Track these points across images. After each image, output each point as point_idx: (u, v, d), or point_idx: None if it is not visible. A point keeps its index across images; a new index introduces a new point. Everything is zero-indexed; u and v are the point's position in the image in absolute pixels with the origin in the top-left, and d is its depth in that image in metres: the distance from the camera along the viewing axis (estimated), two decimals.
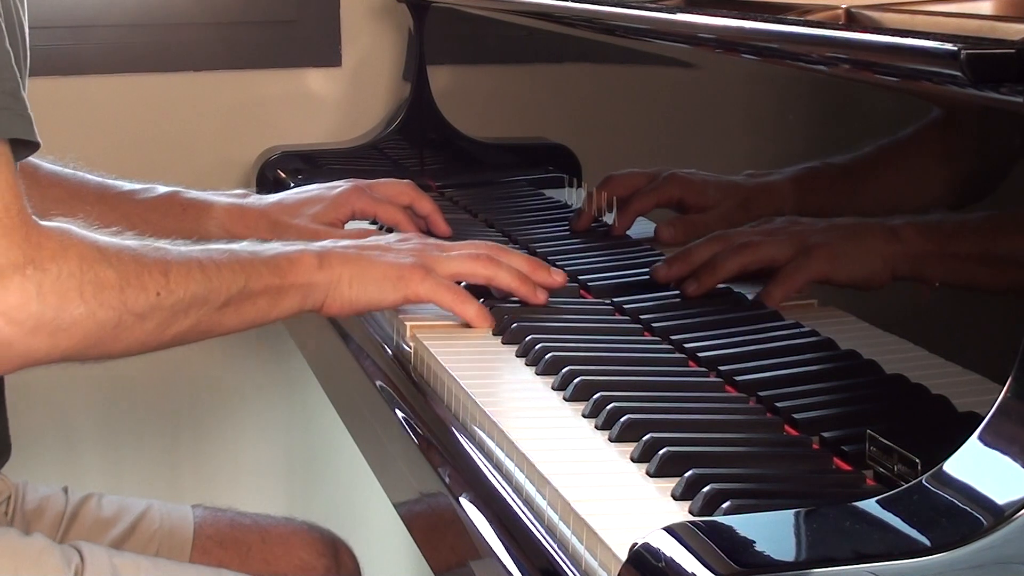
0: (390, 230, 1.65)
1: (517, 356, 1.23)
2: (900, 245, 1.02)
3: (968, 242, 0.95)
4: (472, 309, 1.30)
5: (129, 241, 1.17)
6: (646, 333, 1.26)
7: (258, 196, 1.59)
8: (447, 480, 1.08)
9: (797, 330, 1.13)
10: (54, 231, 1.12)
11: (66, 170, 1.52)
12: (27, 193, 1.54)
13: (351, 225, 1.56)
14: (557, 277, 1.35)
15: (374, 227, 1.65)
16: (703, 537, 0.78)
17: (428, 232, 1.53)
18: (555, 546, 0.92)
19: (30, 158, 1.53)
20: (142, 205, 1.52)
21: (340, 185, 1.56)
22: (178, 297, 1.17)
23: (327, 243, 1.31)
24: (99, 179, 1.53)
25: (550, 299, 1.34)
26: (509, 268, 1.33)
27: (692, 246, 1.29)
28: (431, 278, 1.29)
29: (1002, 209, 0.91)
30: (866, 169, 1.06)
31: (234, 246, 1.25)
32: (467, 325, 1.30)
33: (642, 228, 1.43)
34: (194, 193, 1.55)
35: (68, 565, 1.26)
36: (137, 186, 1.54)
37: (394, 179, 1.61)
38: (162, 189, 1.54)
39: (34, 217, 1.12)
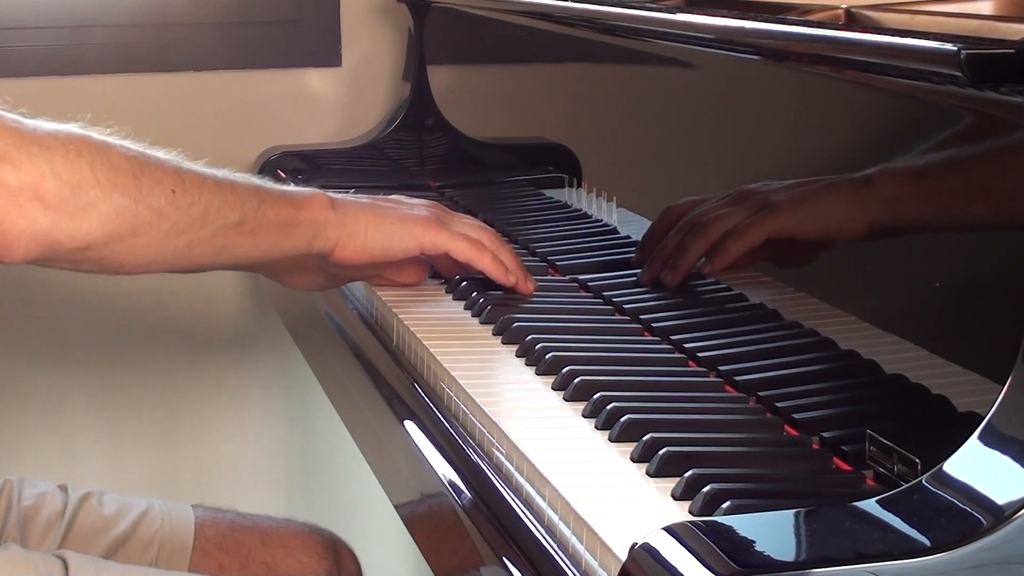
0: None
1: (517, 356, 1.23)
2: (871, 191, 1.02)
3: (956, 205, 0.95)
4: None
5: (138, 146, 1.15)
6: (646, 333, 1.26)
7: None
8: (447, 480, 1.08)
9: (797, 330, 1.13)
10: (50, 125, 1.11)
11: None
12: None
13: None
14: (530, 285, 1.36)
15: None
16: (703, 537, 0.78)
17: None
18: (555, 546, 0.92)
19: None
20: None
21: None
22: (193, 199, 1.16)
23: (339, 193, 1.30)
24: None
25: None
26: (495, 258, 1.34)
27: (666, 240, 1.30)
28: (446, 229, 1.31)
29: (1001, 209, 0.91)
30: (865, 170, 1.06)
31: (251, 175, 1.24)
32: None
33: (640, 228, 1.43)
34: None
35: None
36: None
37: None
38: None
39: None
